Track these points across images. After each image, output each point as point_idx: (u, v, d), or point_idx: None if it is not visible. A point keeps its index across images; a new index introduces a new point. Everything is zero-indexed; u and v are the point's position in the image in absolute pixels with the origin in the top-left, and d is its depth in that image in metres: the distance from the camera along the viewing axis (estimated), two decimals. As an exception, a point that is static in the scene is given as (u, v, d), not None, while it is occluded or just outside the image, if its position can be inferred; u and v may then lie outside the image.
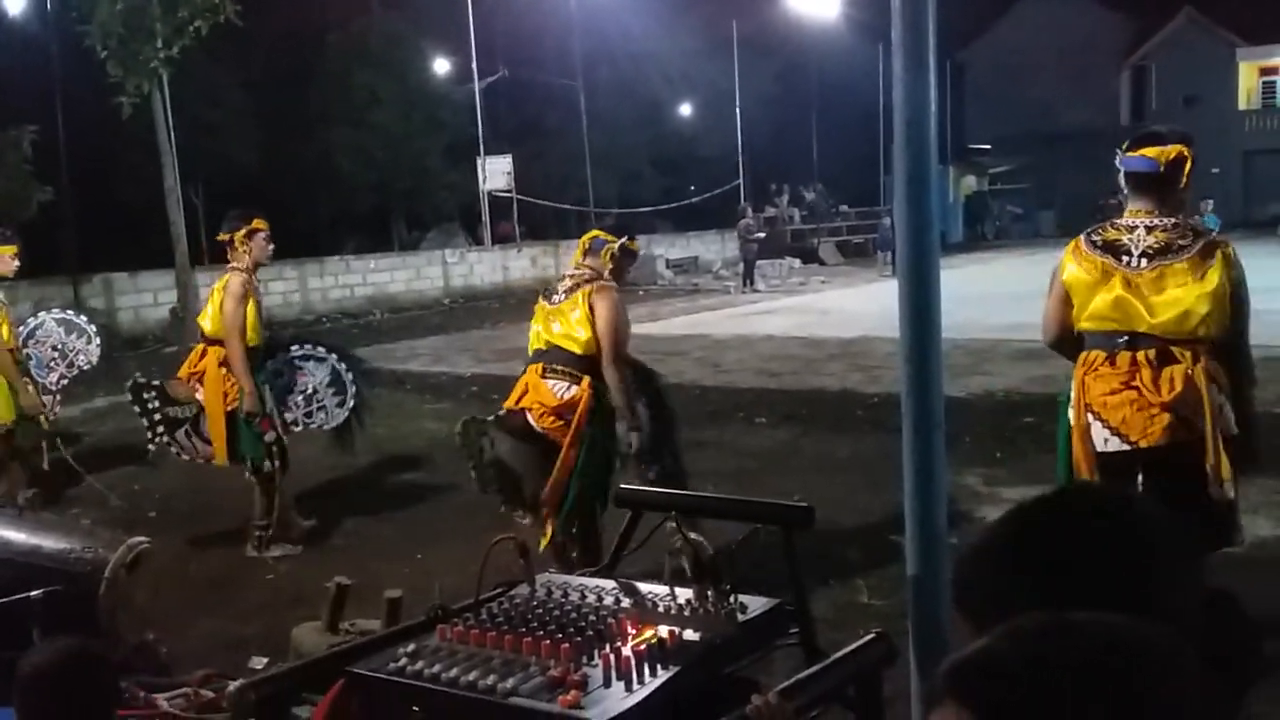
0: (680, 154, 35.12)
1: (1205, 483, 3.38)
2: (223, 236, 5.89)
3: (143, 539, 3.51)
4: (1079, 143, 34.05)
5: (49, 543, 3.44)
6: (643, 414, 4.76)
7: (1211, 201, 17.20)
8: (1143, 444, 3.42)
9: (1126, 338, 3.49)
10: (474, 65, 25.18)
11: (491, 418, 4.52)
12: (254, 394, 5.61)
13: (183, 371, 5.90)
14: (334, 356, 6.32)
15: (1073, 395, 3.62)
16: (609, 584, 1.99)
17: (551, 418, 4.43)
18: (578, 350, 4.45)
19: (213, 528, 6.16)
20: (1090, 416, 3.53)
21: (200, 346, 5.86)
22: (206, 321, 5.82)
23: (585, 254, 4.66)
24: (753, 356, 12.58)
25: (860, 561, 5.12)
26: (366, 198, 29.88)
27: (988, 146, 41.58)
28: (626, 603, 1.90)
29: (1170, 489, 3.38)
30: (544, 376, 4.50)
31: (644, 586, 1.95)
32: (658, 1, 29.89)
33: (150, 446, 5.83)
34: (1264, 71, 41.43)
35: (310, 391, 6.15)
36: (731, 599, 1.86)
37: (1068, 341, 3.72)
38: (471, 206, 27.52)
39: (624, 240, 4.68)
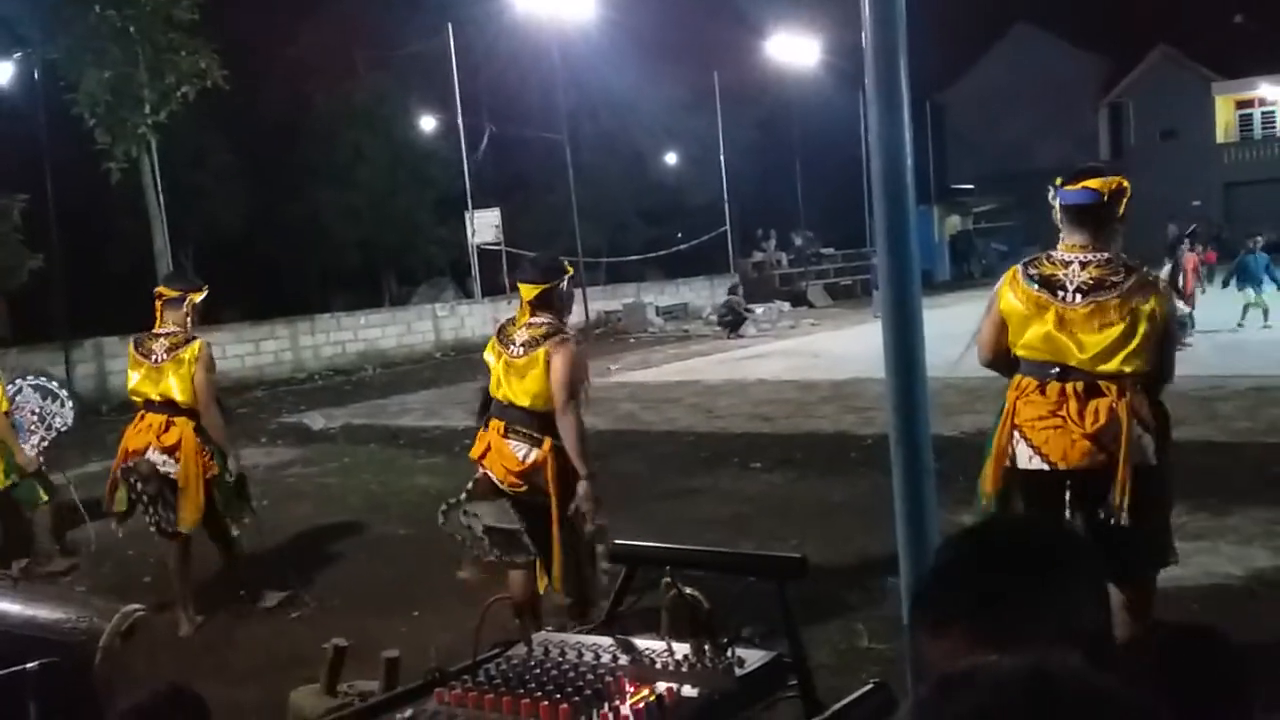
0: (666, 203, 35.38)
1: (1115, 508, 3.52)
2: (174, 293, 5.83)
3: (138, 606, 3.48)
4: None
5: (44, 613, 3.41)
6: None
7: (1262, 238, 17.11)
8: (1061, 465, 3.58)
9: (1057, 369, 3.63)
10: (459, 121, 25.40)
11: (463, 495, 4.50)
12: (235, 456, 5.79)
13: (138, 442, 5.72)
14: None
15: (1002, 414, 3.77)
16: (606, 641, 1.98)
17: (515, 479, 4.41)
18: (538, 407, 4.40)
19: (207, 592, 6.12)
20: (1017, 435, 3.69)
21: (158, 418, 5.68)
22: (173, 392, 5.65)
23: (535, 310, 4.52)
24: (745, 401, 12.59)
25: (858, 604, 5.11)
26: (356, 254, 30.01)
27: (971, 186, 41.98)
28: (624, 660, 1.90)
29: (1094, 511, 3.56)
30: (505, 436, 4.46)
31: (641, 643, 1.95)
32: (640, 55, 30.24)
33: (152, 528, 5.83)
34: (1240, 104, 41.95)
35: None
36: (729, 653, 1.86)
37: (1002, 363, 3.88)
38: (461, 260, 27.63)
39: (560, 275, 4.57)
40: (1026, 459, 3.66)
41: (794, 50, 32.10)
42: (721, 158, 30.98)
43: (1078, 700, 0.92)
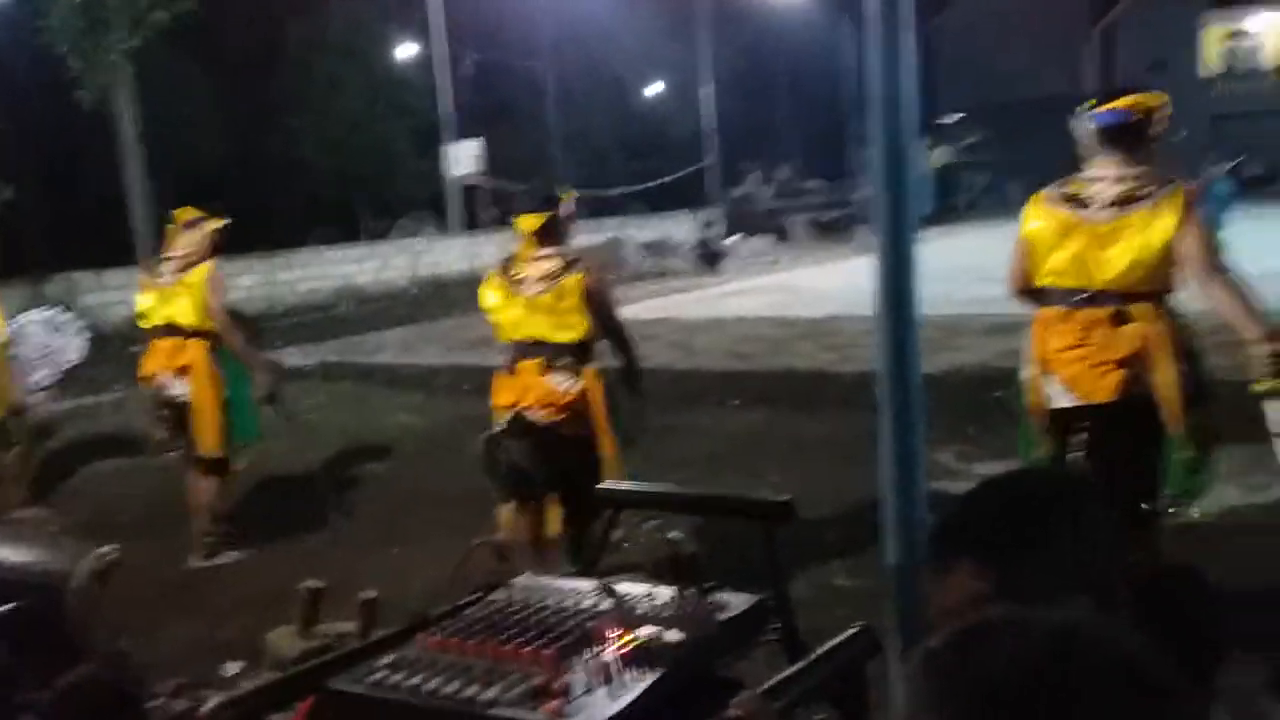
0: (650, 135, 35.04)
1: (1154, 438, 3.44)
2: (194, 214, 5.76)
3: (111, 547, 3.44)
4: (1046, 112, 34.16)
5: (15, 555, 3.37)
6: None
7: (1226, 164, 16.63)
8: (1093, 400, 3.46)
9: (1084, 295, 3.50)
10: (438, 49, 24.96)
11: (500, 428, 4.38)
12: (269, 369, 5.82)
13: (151, 367, 5.73)
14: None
15: (1030, 349, 3.67)
16: (588, 585, 1.96)
17: (559, 413, 4.33)
18: (575, 339, 4.34)
19: (184, 531, 6.08)
20: (1043, 371, 3.59)
21: (171, 342, 5.64)
22: (181, 315, 5.61)
23: (541, 241, 4.40)
24: (724, 339, 12.56)
25: (835, 543, 5.12)
26: (333, 186, 29.64)
27: (962, 114, 41.57)
28: (607, 605, 1.87)
29: (1117, 445, 3.45)
30: (545, 373, 4.35)
31: (624, 587, 1.93)
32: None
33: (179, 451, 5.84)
34: (1230, 36, 41.72)
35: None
36: (712, 597, 1.84)
37: (1031, 293, 3.75)
38: (441, 193, 27.33)
39: (562, 204, 4.47)
40: (1058, 396, 3.56)
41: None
42: (705, 88, 30.59)
43: (1108, 666, 0.87)
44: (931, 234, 24.38)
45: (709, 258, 22.55)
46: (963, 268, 16.43)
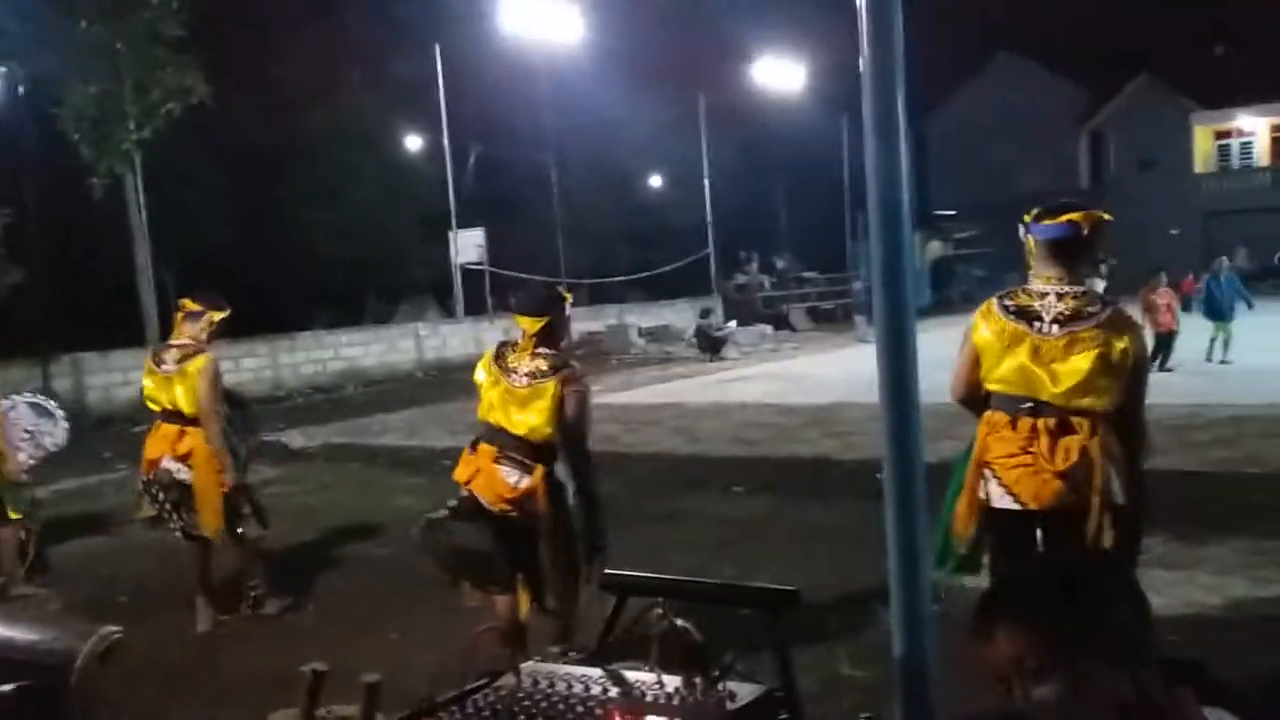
0: (651, 225, 35.49)
1: (1092, 541, 3.50)
2: (196, 307, 5.95)
3: (114, 628, 3.44)
4: (1038, 205, 34.61)
5: (18, 634, 3.37)
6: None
7: (1228, 260, 16.99)
8: (1032, 506, 3.55)
9: (1030, 404, 3.60)
10: (445, 141, 25.43)
11: (444, 512, 4.44)
12: (234, 469, 5.85)
13: (155, 451, 5.90)
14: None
15: (974, 451, 3.75)
16: (595, 672, 1.96)
17: (506, 504, 4.37)
18: (534, 438, 4.37)
19: (184, 612, 6.05)
20: (988, 473, 3.68)
21: (172, 429, 5.86)
22: (180, 403, 5.81)
23: (539, 342, 4.44)
24: (728, 425, 12.60)
25: (840, 630, 5.09)
26: (339, 271, 29.94)
27: (953, 212, 42.21)
28: (614, 692, 1.88)
29: (1064, 550, 3.50)
30: (497, 462, 4.41)
31: (631, 674, 1.93)
32: (625, 78, 30.38)
33: (176, 534, 5.97)
34: (1219, 135, 42.42)
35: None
36: (720, 687, 1.85)
37: (975, 400, 3.84)
38: (445, 280, 27.61)
39: (561, 305, 4.54)
40: (998, 497, 3.64)
41: (779, 74, 32.36)
42: (706, 181, 31.11)
43: None
44: (929, 325, 24.58)
45: (710, 344, 22.68)
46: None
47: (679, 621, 1.88)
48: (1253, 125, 41.44)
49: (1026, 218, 3.75)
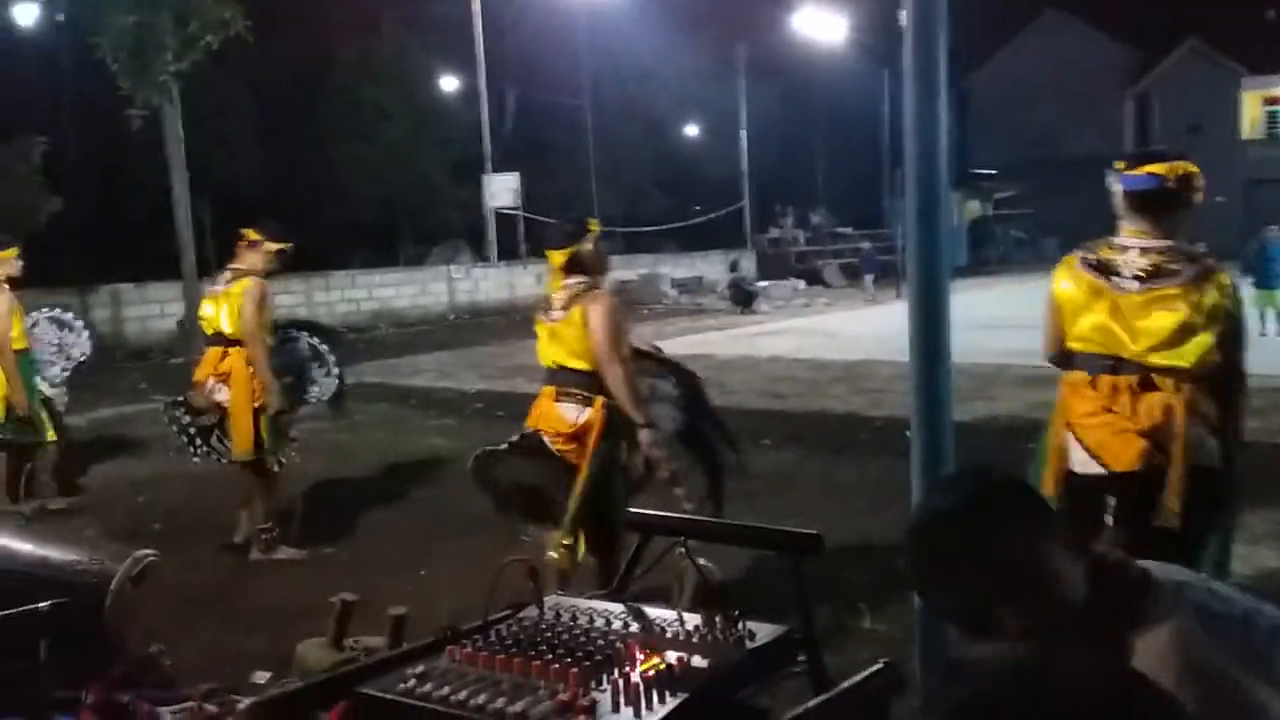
0: (685, 174, 35.26)
1: (1168, 511, 3.35)
2: (256, 237, 6.04)
3: (149, 551, 3.51)
4: (1083, 169, 34.01)
5: (55, 554, 3.44)
6: (671, 391, 4.73)
7: (1276, 227, 16.28)
8: (1116, 468, 3.40)
9: (1110, 362, 3.45)
10: (482, 83, 25.29)
11: (504, 445, 4.45)
12: (278, 391, 5.90)
13: (201, 374, 6.02)
14: (305, 334, 6.63)
15: (1056, 411, 3.62)
16: (617, 608, 1.99)
17: (566, 442, 4.35)
18: (583, 367, 4.36)
19: (217, 540, 6.16)
20: (1069, 435, 3.52)
21: (219, 349, 5.95)
22: (225, 324, 5.91)
23: (568, 272, 4.47)
24: (758, 378, 12.59)
25: (863, 585, 5.11)
26: (373, 212, 29.99)
27: (993, 171, 41.65)
28: (635, 627, 1.90)
29: (1142, 514, 3.37)
30: (556, 400, 4.42)
31: (652, 611, 1.96)
32: (665, 23, 30.04)
33: (195, 459, 6.08)
34: (1268, 101, 41.52)
35: (299, 373, 6.39)
36: (740, 626, 1.86)
37: (1065, 356, 3.68)
38: (479, 223, 27.62)
39: (585, 234, 4.47)
40: (1082, 463, 3.49)
41: (821, 25, 31.81)
42: (743, 131, 30.83)
43: (1071, 700, 0.94)
44: (965, 285, 24.39)
45: (743, 298, 22.61)
46: (996, 319, 16.40)
47: (700, 560, 1.89)
48: (1303, 92, 40.54)
49: (1118, 166, 3.58)
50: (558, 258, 4.49)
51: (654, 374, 4.77)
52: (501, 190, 25.37)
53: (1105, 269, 3.49)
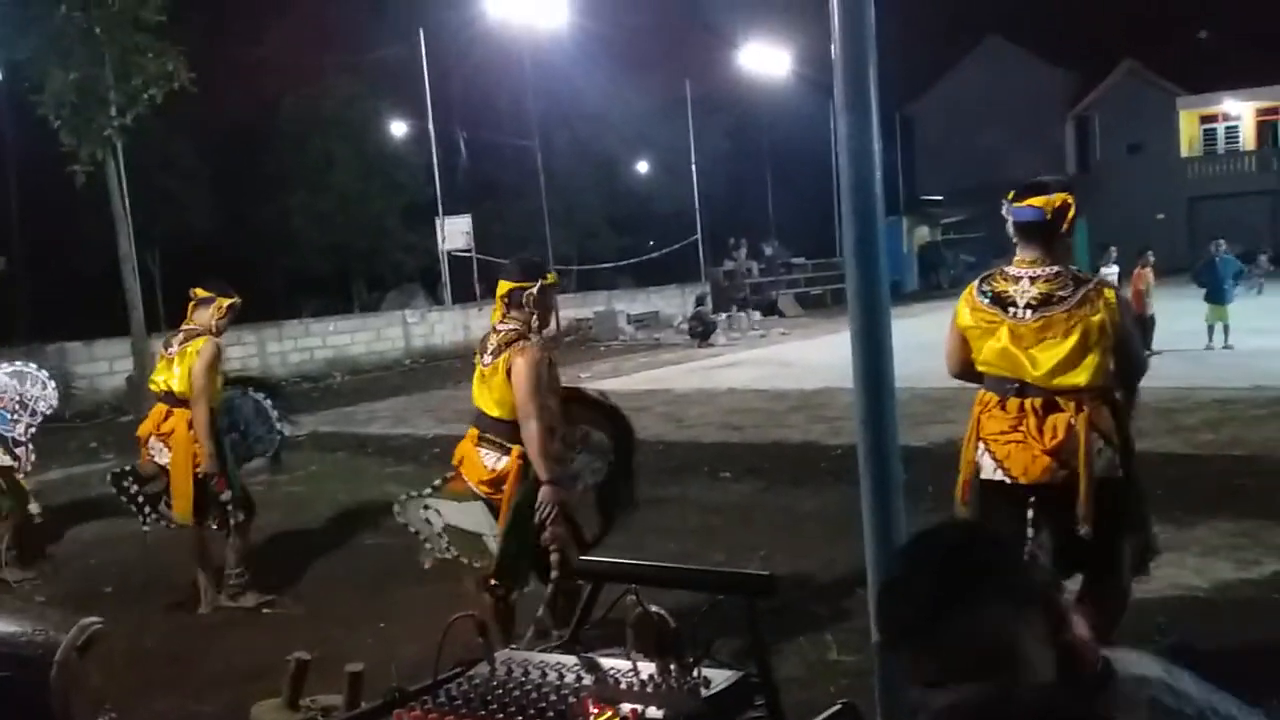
0: (638, 211, 35.44)
1: (1081, 520, 3.56)
2: (205, 294, 6.00)
3: (95, 619, 3.40)
4: (1029, 191, 34.61)
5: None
6: (604, 443, 4.76)
7: (1224, 242, 16.49)
8: (1023, 480, 3.62)
9: (1015, 385, 3.68)
10: (431, 127, 25.30)
11: (429, 490, 4.46)
12: (214, 456, 5.76)
13: (144, 429, 5.96)
14: (250, 390, 6.57)
15: (969, 427, 3.84)
16: (570, 660, 1.95)
17: (486, 488, 4.37)
18: (504, 416, 4.35)
19: (170, 601, 6.04)
20: (981, 447, 3.75)
21: (163, 408, 5.89)
22: (174, 382, 5.83)
23: (507, 309, 4.47)
24: (715, 410, 12.60)
25: (827, 616, 5.10)
26: (325, 260, 29.84)
27: (939, 197, 42.26)
28: (588, 680, 1.87)
29: (1058, 523, 3.60)
30: (477, 445, 4.43)
31: (606, 662, 1.92)
32: (611, 63, 30.33)
33: (145, 528, 5.97)
34: (1205, 119, 42.47)
35: (242, 429, 6.28)
36: (695, 673, 1.84)
37: (970, 375, 3.94)
38: (431, 267, 27.53)
39: (540, 282, 4.46)
40: (991, 470, 3.71)
41: (765, 60, 32.26)
42: (693, 166, 31.06)
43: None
44: (917, 310, 24.62)
45: (701, 331, 22.68)
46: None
47: (653, 608, 1.86)
48: (1238, 110, 41.50)
49: (1007, 197, 3.81)
50: (503, 287, 4.51)
51: (591, 422, 4.76)
52: (454, 233, 25.33)
53: (1001, 301, 3.73)
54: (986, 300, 3.76)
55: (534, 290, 4.46)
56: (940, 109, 44.40)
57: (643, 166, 36.83)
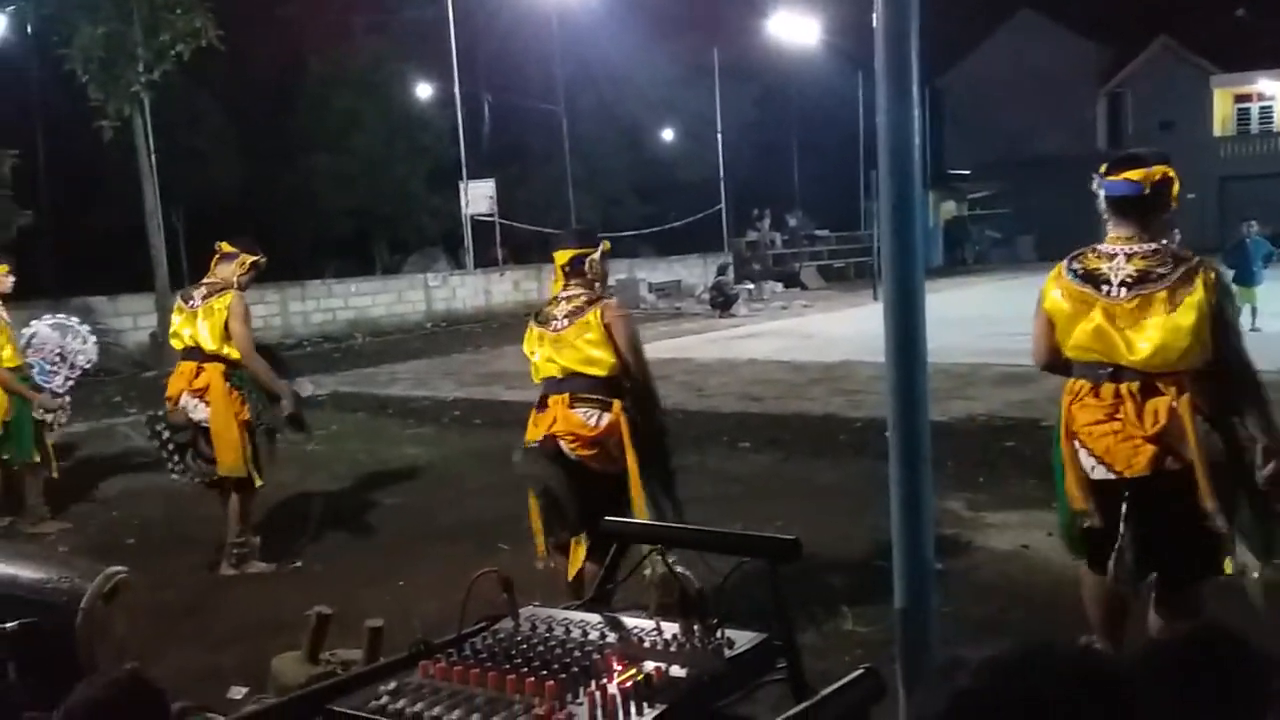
0: (662, 179, 35.26)
1: (1196, 514, 3.32)
2: (229, 249, 5.98)
3: (120, 568, 3.45)
4: (1056, 168, 34.35)
5: (25, 573, 3.38)
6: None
7: (1255, 223, 16.28)
8: (1127, 474, 3.38)
9: (1110, 369, 3.44)
10: (457, 89, 25.21)
11: (533, 445, 4.40)
12: (282, 389, 5.85)
13: (174, 388, 5.87)
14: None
15: (1061, 422, 3.59)
16: (594, 618, 1.96)
17: (587, 448, 4.33)
18: (602, 374, 4.35)
19: (190, 555, 6.10)
20: (1077, 444, 3.50)
21: (191, 365, 5.81)
22: (205, 339, 5.77)
23: (569, 276, 4.52)
24: (736, 381, 12.59)
25: (844, 588, 5.10)
26: (348, 221, 29.83)
27: (967, 171, 41.90)
28: (612, 638, 1.87)
29: (1158, 517, 3.38)
30: (572, 406, 4.37)
31: (630, 621, 1.93)
32: (639, 28, 30.05)
33: (173, 475, 5.95)
34: (1239, 98, 41.92)
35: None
36: (718, 634, 1.84)
37: (1058, 365, 3.68)
38: (454, 230, 27.51)
39: (601, 249, 4.58)
40: (1090, 469, 3.48)
41: (794, 29, 31.89)
42: (719, 135, 30.87)
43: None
44: (941, 285, 24.53)
45: (722, 301, 22.63)
46: (973, 318, 16.48)
47: (678, 568, 1.87)
48: (1273, 89, 40.91)
49: (1100, 170, 3.59)
50: (564, 256, 4.54)
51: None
52: (477, 197, 25.30)
53: (1093, 279, 3.49)
54: (1077, 279, 3.50)
55: (596, 255, 4.54)
56: (970, 82, 43.92)
57: (668, 134, 36.61)
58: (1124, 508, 3.41)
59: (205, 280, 5.99)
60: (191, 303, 5.87)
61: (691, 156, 34.14)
